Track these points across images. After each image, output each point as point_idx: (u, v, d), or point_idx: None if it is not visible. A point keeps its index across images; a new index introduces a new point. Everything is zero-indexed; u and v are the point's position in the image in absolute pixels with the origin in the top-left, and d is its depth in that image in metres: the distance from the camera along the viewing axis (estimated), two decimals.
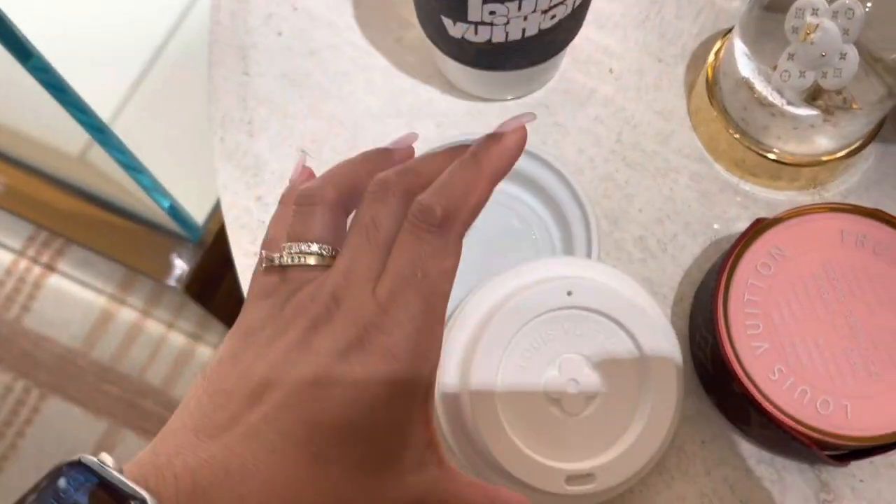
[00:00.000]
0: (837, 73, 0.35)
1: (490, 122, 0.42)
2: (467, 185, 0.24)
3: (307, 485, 0.21)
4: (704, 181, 0.41)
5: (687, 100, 0.43)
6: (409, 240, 0.23)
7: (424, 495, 0.23)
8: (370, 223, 0.24)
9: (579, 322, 0.34)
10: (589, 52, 0.44)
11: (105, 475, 0.20)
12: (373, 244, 0.23)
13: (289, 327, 0.23)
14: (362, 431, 0.22)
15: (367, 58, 0.44)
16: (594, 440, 0.33)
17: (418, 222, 0.23)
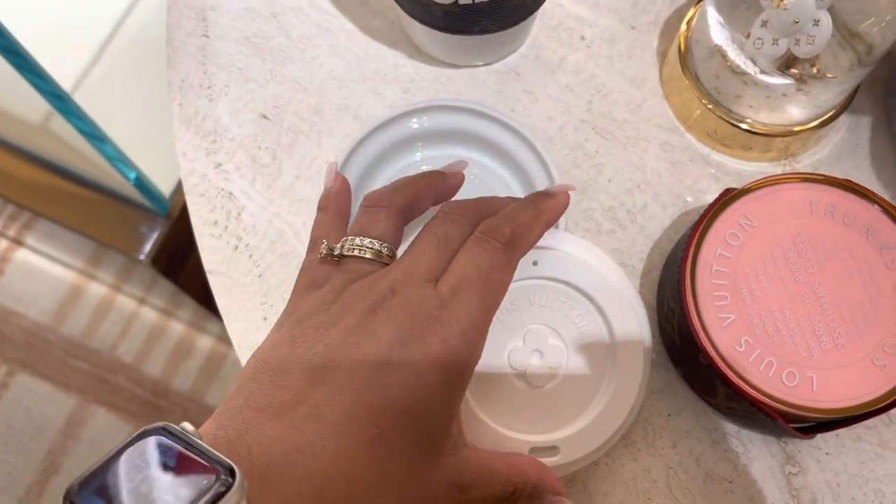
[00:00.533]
0: (811, 40, 0.34)
1: (458, 89, 0.41)
2: (530, 220, 0.28)
3: (368, 465, 0.22)
4: (675, 151, 0.40)
5: (659, 68, 0.42)
6: (477, 249, 0.26)
7: (459, 475, 0.25)
8: (441, 233, 0.26)
9: (545, 293, 0.33)
10: (560, 18, 0.42)
11: (191, 441, 0.20)
12: (439, 251, 0.26)
13: (347, 313, 0.24)
14: (419, 417, 0.23)
15: (331, 20, 0.43)
16: (559, 413, 0.32)
17: (487, 237, 0.26)
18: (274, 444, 0.21)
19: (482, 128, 0.38)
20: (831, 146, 0.40)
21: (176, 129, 0.41)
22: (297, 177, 0.40)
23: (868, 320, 0.32)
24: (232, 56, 0.42)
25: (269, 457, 0.21)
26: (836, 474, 0.35)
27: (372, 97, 0.41)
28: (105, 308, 1.12)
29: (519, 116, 0.41)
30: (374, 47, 0.42)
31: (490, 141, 0.38)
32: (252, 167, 0.40)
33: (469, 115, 0.38)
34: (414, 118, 0.38)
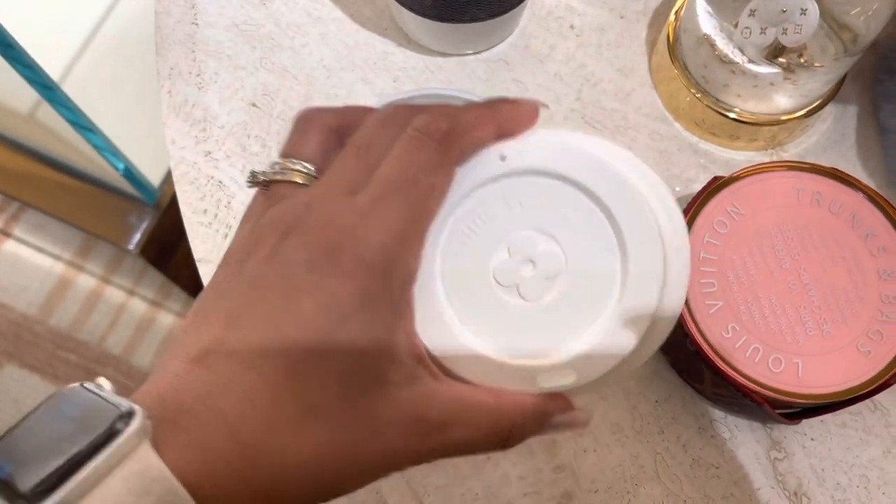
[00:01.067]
0: (798, 29, 0.35)
1: (449, 78, 0.41)
2: (476, 119, 0.24)
3: (288, 399, 0.20)
4: (664, 140, 0.40)
5: (648, 57, 0.42)
6: (404, 148, 0.23)
7: (424, 410, 0.22)
8: (363, 143, 0.23)
9: (524, 190, 0.26)
10: (550, 7, 0.43)
11: (98, 393, 0.20)
12: (360, 161, 0.23)
13: (260, 243, 0.22)
14: (338, 343, 0.21)
15: (321, 9, 0.42)
16: (568, 325, 0.26)
17: (418, 134, 0.23)
18: (188, 388, 0.21)
19: None
20: (818, 135, 0.41)
21: (165, 117, 0.41)
22: None
23: (853, 307, 0.32)
24: (221, 44, 0.42)
25: (180, 401, 0.20)
26: (821, 460, 0.35)
27: (361, 86, 0.41)
28: (94, 300, 1.11)
29: None
30: (363, 35, 0.42)
31: None
32: (242, 155, 0.40)
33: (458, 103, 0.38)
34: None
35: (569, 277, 0.26)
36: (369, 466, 0.22)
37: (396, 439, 0.22)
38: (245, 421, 0.20)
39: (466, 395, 0.23)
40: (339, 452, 0.21)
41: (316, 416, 0.21)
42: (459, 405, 0.23)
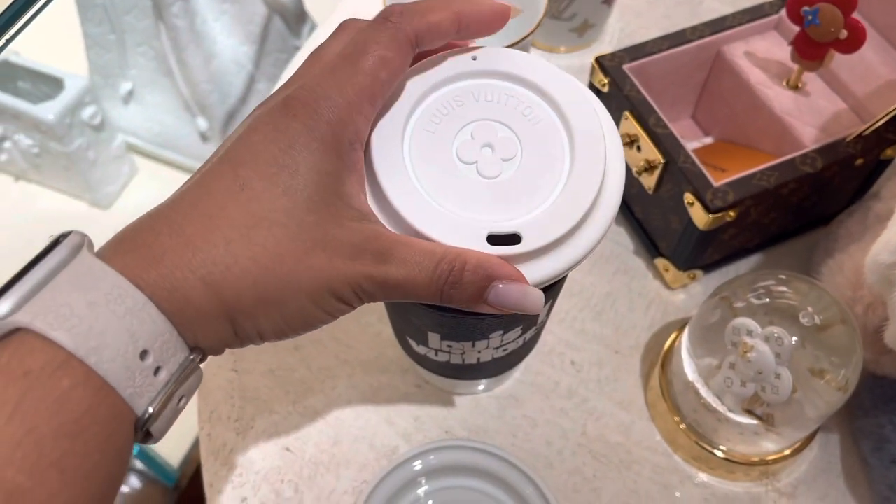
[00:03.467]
0: (775, 389, 0.39)
1: (463, 416, 0.46)
2: (432, 5, 0.28)
3: (233, 209, 0.23)
4: (665, 473, 0.44)
5: (644, 391, 0.46)
6: (363, 28, 0.27)
7: (369, 241, 0.25)
8: (345, 25, 0.29)
9: (490, 90, 0.31)
10: (552, 344, 0.48)
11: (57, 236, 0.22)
12: (335, 39, 0.28)
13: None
14: (286, 167, 0.24)
15: (348, 352, 0.48)
16: (518, 200, 0.29)
17: (378, 17, 0.27)
18: (162, 216, 0.24)
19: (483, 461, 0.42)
20: (806, 463, 0.44)
21: (204, 460, 0.44)
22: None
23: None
24: (258, 389, 0.46)
25: (140, 226, 0.23)
26: None
27: (386, 427, 0.45)
28: None
29: (520, 442, 0.45)
30: (386, 377, 0.47)
31: (491, 472, 0.42)
32: (276, 501, 0.43)
33: (471, 452, 0.42)
34: (418, 459, 0.42)
35: (523, 161, 0.30)
36: (310, 278, 0.24)
37: (339, 258, 0.24)
38: (196, 233, 0.23)
39: (412, 240, 0.26)
40: (284, 257, 0.23)
41: (264, 221, 0.23)
42: (404, 245, 0.25)
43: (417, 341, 0.39)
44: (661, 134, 0.45)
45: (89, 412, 0.20)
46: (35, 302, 0.20)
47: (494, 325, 0.36)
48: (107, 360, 0.20)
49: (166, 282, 0.22)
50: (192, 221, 0.23)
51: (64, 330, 0.20)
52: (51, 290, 0.20)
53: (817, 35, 0.45)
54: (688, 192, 0.43)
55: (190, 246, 0.23)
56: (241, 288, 0.23)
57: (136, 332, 0.21)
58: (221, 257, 0.23)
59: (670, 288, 0.50)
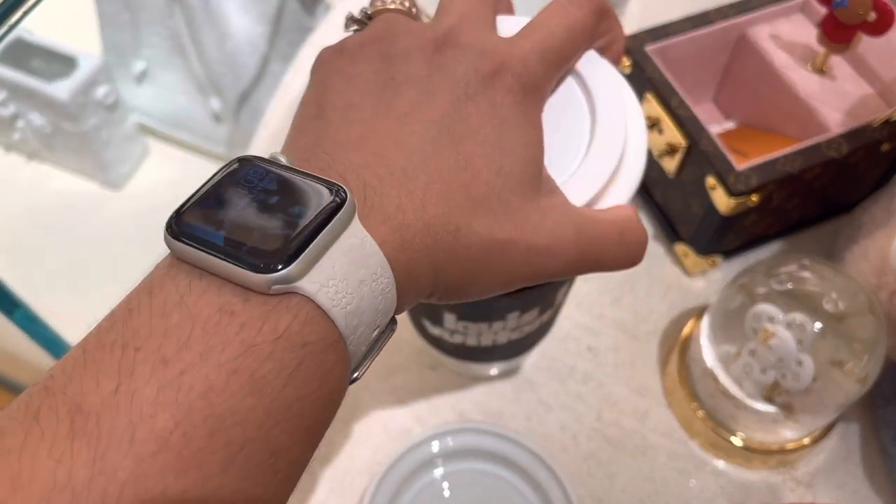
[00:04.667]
0: (796, 377, 0.39)
1: (478, 399, 0.45)
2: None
3: (458, 188, 0.23)
4: (682, 460, 0.43)
5: (661, 377, 0.46)
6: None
7: (560, 218, 0.25)
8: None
9: None
10: (568, 329, 0.47)
11: (289, 166, 0.21)
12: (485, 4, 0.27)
13: (405, 54, 0.25)
14: (498, 146, 0.24)
15: None
16: None
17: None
18: (364, 169, 0.22)
19: (499, 445, 0.42)
20: (825, 453, 0.43)
21: None
22: (330, 490, 0.42)
23: None
24: None
25: (363, 180, 0.21)
26: None
27: (400, 409, 0.45)
28: None
29: (535, 426, 0.44)
30: (400, 358, 0.46)
31: (506, 457, 0.42)
32: None
33: (487, 436, 0.42)
34: (435, 440, 0.41)
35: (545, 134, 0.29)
36: (520, 259, 0.24)
37: (544, 237, 0.24)
38: (428, 203, 0.22)
39: (588, 214, 0.26)
40: (499, 238, 0.23)
41: (481, 206, 0.23)
42: (586, 222, 0.25)
43: (433, 322, 0.39)
44: (684, 116, 0.44)
45: (339, 385, 0.20)
46: (317, 270, 0.19)
47: (511, 305, 0.36)
48: (358, 337, 0.20)
49: (407, 264, 0.22)
50: (429, 201, 0.22)
51: (339, 308, 0.19)
52: (330, 259, 0.20)
53: (845, 17, 0.44)
54: (710, 176, 0.43)
55: (430, 232, 0.22)
56: (458, 272, 0.23)
57: (380, 311, 0.21)
58: (452, 242, 0.22)
59: (689, 274, 0.49)
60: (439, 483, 0.42)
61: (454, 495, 0.42)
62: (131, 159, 0.87)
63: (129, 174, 0.88)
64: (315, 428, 0.20)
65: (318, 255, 0.19)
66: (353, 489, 0.42)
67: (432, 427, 0.43)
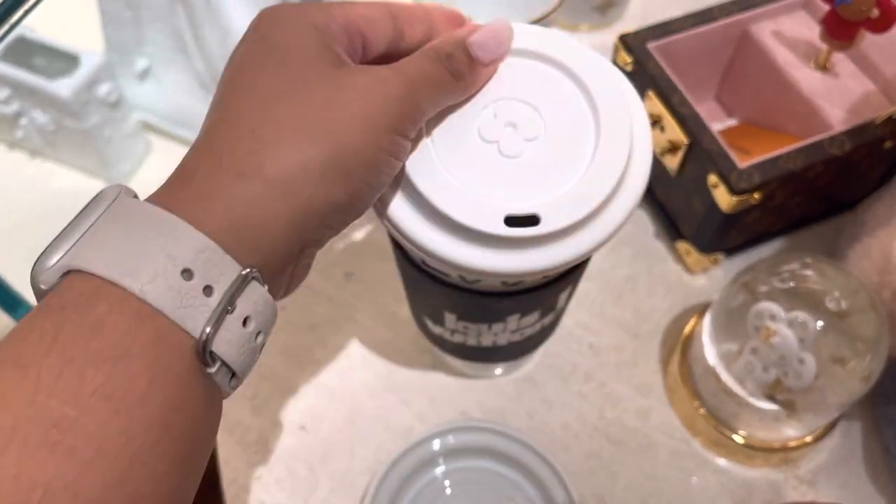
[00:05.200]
0: (798, 375, 0.39)
1: (480, 397, 0.45)
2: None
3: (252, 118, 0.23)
4: (684, 458, 0.43)
5: (663, 375, 0.46)
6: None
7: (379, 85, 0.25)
8: None
9: (515, 68, 0.30)
10: (570, 327, 0.47)
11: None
12: None
13: None
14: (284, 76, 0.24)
15: (364, 333, 0.47)
16: (537, 181, 0.29)
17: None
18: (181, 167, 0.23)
19: (501, 443, 0.42)
20: (827, 451, 0.43)
21: (220, 437, 0.44)
22: (332, 490, 0.42)
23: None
24: (273, 367, 0.46)
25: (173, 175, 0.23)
26: None
27: (402, 407, 0.45)
28: None
29: (536, 424, 0.44)
30: (402, 357, 0.46)
31: (510, 455, 0.42)
32: (290, 480, 0.43)
33: (489, 434, 0.42)
34: (437, 439, 0.41)
35: (546, 142, 0.29)
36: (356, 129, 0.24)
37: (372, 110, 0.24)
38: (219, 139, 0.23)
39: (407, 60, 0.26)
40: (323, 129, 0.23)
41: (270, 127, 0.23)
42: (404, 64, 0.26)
43: (434, 321, 0.39)
44: (686, 114, 0.44)
45: (128, 334, 0.19)
46: (78, 246, 0.20)
47: (511, 307, 0.36)
48: (144, 281, 0.20)
49: (198, 196, 0.22)
50: (214, 137, 0.23)
51: (98, 261, 0.20)
52: (91, 232, 0.21)
53: (848, 14, 0.43)
54: (712, 174, 0.42)
55: (215, 154, 0.22)
56: (280, 157, 0.22)
57: (172, 252, 0.20)
58: (246, 149, 0.22)
59: (691, 272, 0.49)
60: (441, 481, 0.42)
61: (456, 493, 0.42)
62: (134, 157, 0.87)
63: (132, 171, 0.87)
64: (114, 386, 0.19)
65: (80, 238, 0.21)
66: (354, 487, 0.42)
67: (434, 425, 0.43)
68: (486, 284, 0.34)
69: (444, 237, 0.29)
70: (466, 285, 0.34)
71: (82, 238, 0.21)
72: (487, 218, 0.28)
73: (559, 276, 0.34)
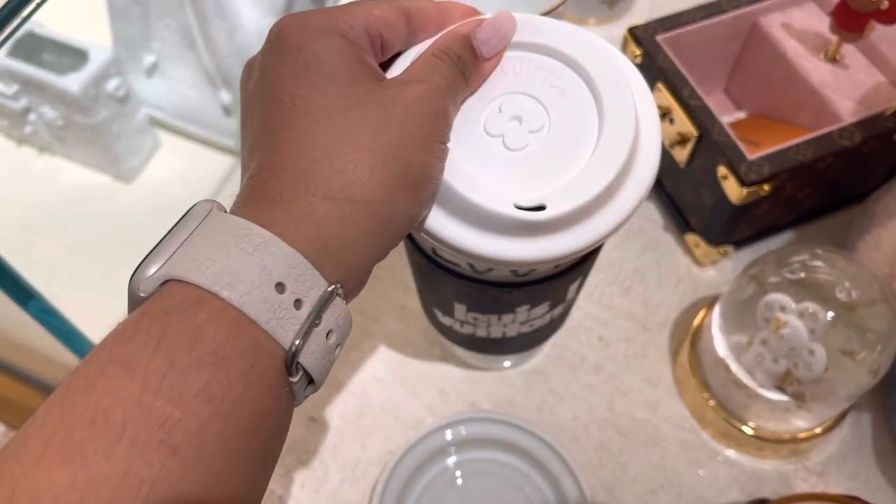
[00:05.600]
0: (808, 366, 0.39)
1: (489, 389, 0.45)
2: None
3: (318, 134, 0.24)
4: (693, 450, 0.43)
5: (672, 367, 0.46)
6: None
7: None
8: None
9: (519, 62, 0.31)
10: (579, 319, 0.47)
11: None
12: None
13: None
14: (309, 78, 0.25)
15: (373, 325, 0.47)
16: (543, 172, 0.30)
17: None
18: (259, 184, 0.24)
19: (512, 435, 0.42)
20: (837, 443, 0.43)
21: None
22: (342, 480, 0.43)
23: None
24: None
25: (253, 193, 0.24)
26: None
27: (412, 399, 0.45)
28: None
29: (546, 416, 0.44)
30: (412, 349, 0.47)
31: (521, 447, 0.42)
32: (301, 471, 0.43)
33: (500, 425, 0.42)
34: (448, 429, 0.42)
35: (550, 133, 0.30)
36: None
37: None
38: (291, 160, 0.24)
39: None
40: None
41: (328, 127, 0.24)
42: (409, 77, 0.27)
43: (444, 312, 0.39)
44: (695, 106, 0.44)
45: (227, 342, 0.20)
46: (176, 257, 0.22)
47: (521, 298, 0.36)
48: (241, 292, 0.21)
49: (290, 217, 0.23)
50: (287, 156, 0.24)
51: (198, 272, 0.21)
52: (187, 245, 0.22)
53: (857, 5, 0.43)
54: (721, 166, 0.42)
55: (298, 175, 0.24)
56: (362, 178, 0.24)
57: (267, 266, 0.22)
58: (328, 170, 0.24)
59: (700, 264, 0.49)
60: (452, 471, 0.42)
61: (466, 484, 0.42)
62: (142, 152, 0.87)
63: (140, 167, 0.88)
64: (214, 390, 0.20)
65: (176, 250, 0.22)
66: (365, 478, 0.43)
67: (444, 417, 0.43)
68: (496, 275, 0.34)
69: (456, 225, 0.29)
70: (477, 276, 0.34)
71: (179, 249, 0.22)
72: (496, 205, 0.28)
73: (569, 268, 0.34)
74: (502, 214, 0.28)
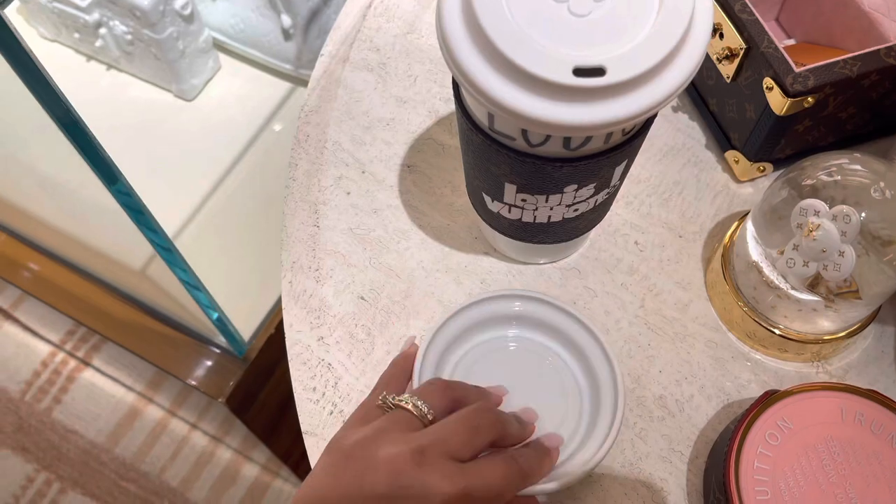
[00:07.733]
0: (837, 267, 0.40)
1: (528, 282, 0.48)
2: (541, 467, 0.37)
3: None
4: (718, 348, 0.46)
5: (703, 273, 0.48)
6: (506, 462, 0.34)
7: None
8: (476, 424, 0.34)
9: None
10: (617, 225, 0.50)
11: None
12: (470, 435, 0.33)
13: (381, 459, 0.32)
14: None
15: (422, 218, 0.50)
16: (606, 36, 0.31)
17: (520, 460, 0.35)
18: None
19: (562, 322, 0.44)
20: (859, 351, 0.45)
21: (285, 304, 0.48)
22: (387, 352, 0.46)
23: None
24: (338, 244, 0.49)
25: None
26: None
27: (454, 286, 0.48)
28: (158, 431, 1.17)
29: (581, 308, 0.47)
30: (457, 242, 0.49)
31: (558, 329, 0.44)
32: (350, 342, 0.46)
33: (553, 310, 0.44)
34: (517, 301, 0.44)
35: (614, 2, 0.32)
36: None
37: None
38: None
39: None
40: None
41: None
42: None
43: (493, 196, 0.42)
44: (746, 20, 0.45)
45: None
46: None
47: (570, 175, 0.38)
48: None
49: None
50: None
51: None
52: None
53: None
54: (768, 77, 0.44)
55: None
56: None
57: None
58: None
59: (739, 181, 0.51)
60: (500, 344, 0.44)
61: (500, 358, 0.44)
62: (204, 72, 0.91)
63: (201, 87, 0.91)
64: None
65: None
66: None
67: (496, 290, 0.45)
68: (548, 149, 0.36)
69: (513, 89, 0.32)
70: (529, 150, 0.37)
71: None
72: (556, 68, 0.31)
73: (616, 146, 0.37)
74: (561, 78, 0.31)
